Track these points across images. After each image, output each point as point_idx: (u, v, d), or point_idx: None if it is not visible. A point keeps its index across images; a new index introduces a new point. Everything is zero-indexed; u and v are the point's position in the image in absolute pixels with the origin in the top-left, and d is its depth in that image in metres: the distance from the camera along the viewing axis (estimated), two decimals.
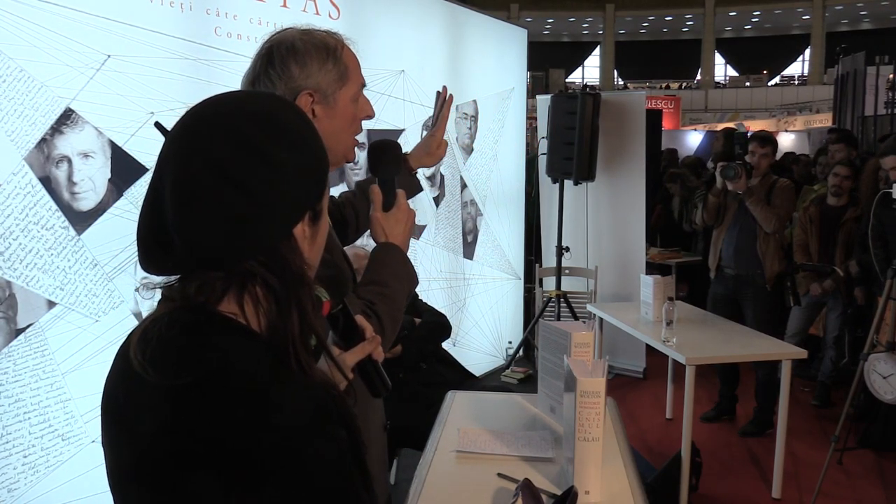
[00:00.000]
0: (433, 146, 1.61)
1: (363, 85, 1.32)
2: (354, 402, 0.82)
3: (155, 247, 0.77)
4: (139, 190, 2.42)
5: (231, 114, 0.78)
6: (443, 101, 1.62)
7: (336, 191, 3.50)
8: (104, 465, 0.81)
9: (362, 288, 1.29)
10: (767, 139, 3.99)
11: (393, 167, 1.38)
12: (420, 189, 1.67)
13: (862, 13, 29.96)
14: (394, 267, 1.32)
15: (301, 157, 0.79)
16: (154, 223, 0.76)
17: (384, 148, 1.38)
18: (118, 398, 0.79)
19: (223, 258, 0.75)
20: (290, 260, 0.78)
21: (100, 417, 0.81)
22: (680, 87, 30.17)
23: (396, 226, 1.34)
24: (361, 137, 1.43)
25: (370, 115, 1.36)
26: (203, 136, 0.76)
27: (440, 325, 3.31)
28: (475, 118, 4.58)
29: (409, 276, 1.35)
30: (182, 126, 0.78)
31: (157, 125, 0.83)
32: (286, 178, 0.76)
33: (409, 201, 1.44)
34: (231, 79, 2.66)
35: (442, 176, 4.32)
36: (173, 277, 0.79)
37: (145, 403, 0.74)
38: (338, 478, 0.72)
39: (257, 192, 0.74)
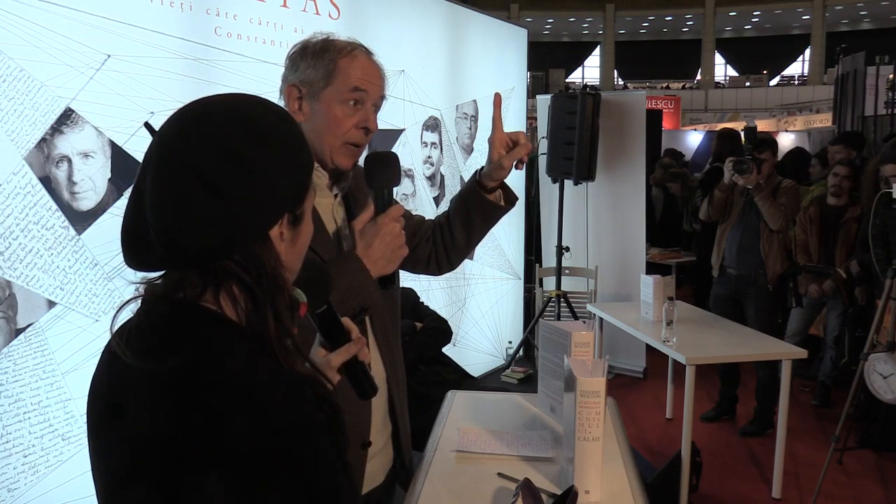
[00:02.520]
0: (494, 157, 1.48)
1: (359, 89, 1.30)
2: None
3: (136, 244, 0.79)
4: None
5: (212, 116, 0.79)
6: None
7: None
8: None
9: None
10: (766, 142, 3.99)
11: (379, 178, 1.35)
12: (502, 208, 1.57)
13: (862, 13, 29.96)
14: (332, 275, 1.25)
15: (279, 162, 0.79)
16: (136, 221, 0.78)
17: (372, 158, 1.37)
18: (103, 390, 0.81)
19: (199, 257, 0.77)
20: (266, 261, 0.79)
21: (86, 418, 0.82)
22: (681, 88, 30.16)
23: (365, 238, 1.31)
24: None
25: (367, 127, 1.33)
26: (183, 137, 0.78)
27: (441, 332, 3.35)
28: (475, 118, 4.58)
29: (346, 291, 1.24)
30: (166, 127, 0.80)
31: (147, 125, 0.84)
32: (262, 182, 0.77)
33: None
34: (231, 79, 2.66)
35: (442, 176, 4.31)
36: (155, 273, 0.81)
37: (130, 391, 0.76)
38: (316, 464, 0.73)
39: (231, 194, 0.75)
